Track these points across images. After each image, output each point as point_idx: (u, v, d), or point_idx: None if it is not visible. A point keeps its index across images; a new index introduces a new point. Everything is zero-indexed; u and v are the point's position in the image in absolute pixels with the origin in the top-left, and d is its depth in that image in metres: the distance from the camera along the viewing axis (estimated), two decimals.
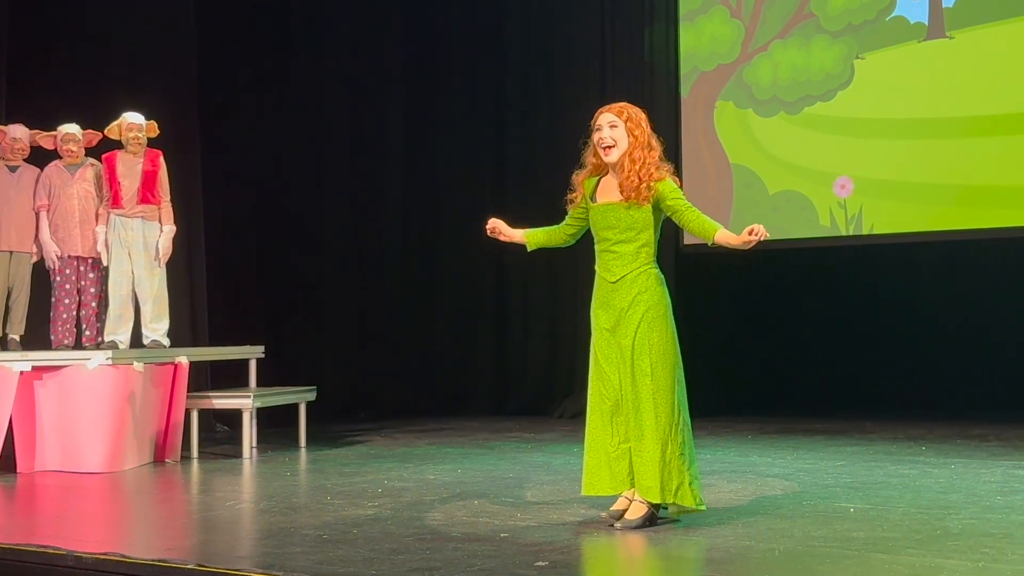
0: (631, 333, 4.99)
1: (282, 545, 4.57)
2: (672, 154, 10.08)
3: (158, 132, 8.01)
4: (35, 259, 7.98)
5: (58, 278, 7.89)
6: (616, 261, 5.01)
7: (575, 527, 4.76)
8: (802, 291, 10.89)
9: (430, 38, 11.50)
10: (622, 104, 5.07)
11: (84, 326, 7.92)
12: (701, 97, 10.12)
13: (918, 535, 4.48)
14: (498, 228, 5.37)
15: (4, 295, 7.92)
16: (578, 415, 10.12)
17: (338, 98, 11.17)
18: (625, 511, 4.80)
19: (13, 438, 7.05)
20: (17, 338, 7.88)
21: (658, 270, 4.99)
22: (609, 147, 4.97)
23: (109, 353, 7.12)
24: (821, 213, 9.51)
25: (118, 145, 7.94)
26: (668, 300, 4.98)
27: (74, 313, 7.91)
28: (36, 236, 7.92)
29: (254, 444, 7.93)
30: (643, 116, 5.02)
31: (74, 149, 7.90)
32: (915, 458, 6.94)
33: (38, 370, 7.12)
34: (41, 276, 8.00)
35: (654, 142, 4.95)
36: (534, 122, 10.99)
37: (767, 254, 10.03)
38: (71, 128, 7.92)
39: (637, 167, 4.87)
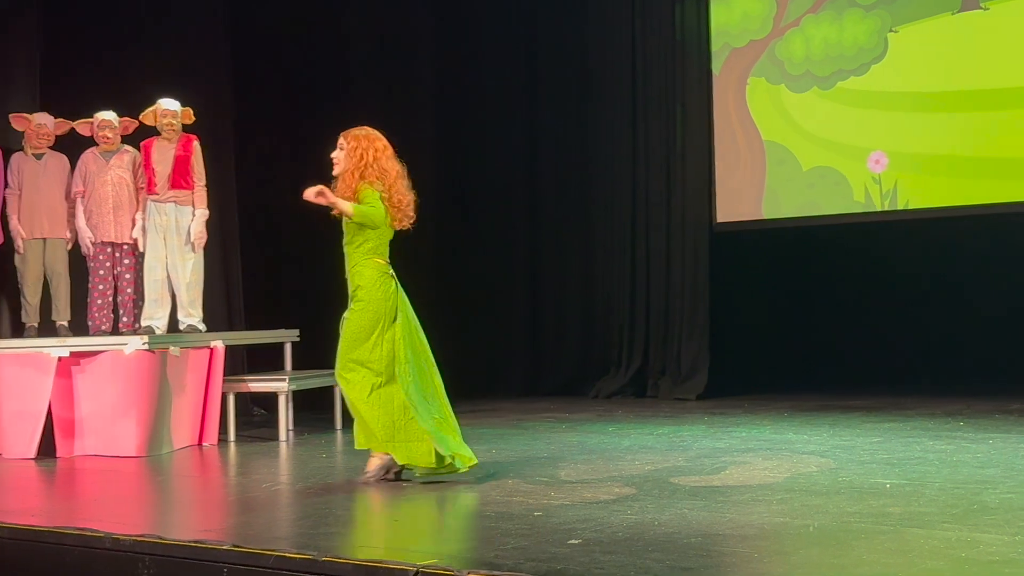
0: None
1: (318, 526, 4.60)
2: (704, 132, 10.11)
3: (193, 119, 8.04)
4: (70, 245, 8.06)
5: (93, 264, 7.96)
6: (345, 261, 5.76)
7: (609, 505, 4.76)
8: (837, 267, 10.82)
9: (458, 14, 11.47)
10: (354, 132, 5.90)
11: (121, 312, 7.99)
12: (733, 74, 10.05)
13: (954, 510, 4.45)
14: (325, 193, 5.81)
15: (40, 282, 8.01)
16: (613, 395, 10.15)
17: (369, 78, 11.18)
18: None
19: (52, 423, 7.13)
20: (65, 324, 7.97)
21: (374, 268, 5.69)
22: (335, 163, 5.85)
23: (146, 338, 7.17)
24: (855, 188, 9.43)
25: (156, 132, 7.98)
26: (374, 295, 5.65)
27: (110, 299, 7.98)
28: (71, 222, 7.99)
29: (290, 427, 7.98)
30: (372, 144, 5.84)
31: (110, 136, 7.96)
32: (952, 433, 6.88)
33: (76, 356, 7.19)
34: (80, 263, 8.08)
35: (368, 169, 5.74)
36: (565, 100, 10.94)
37: (802, 231, 10.00)
38: (108, 115, 7.98)
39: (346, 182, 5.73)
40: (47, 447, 7.12)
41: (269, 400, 8.19)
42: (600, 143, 10.72)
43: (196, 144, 8.02)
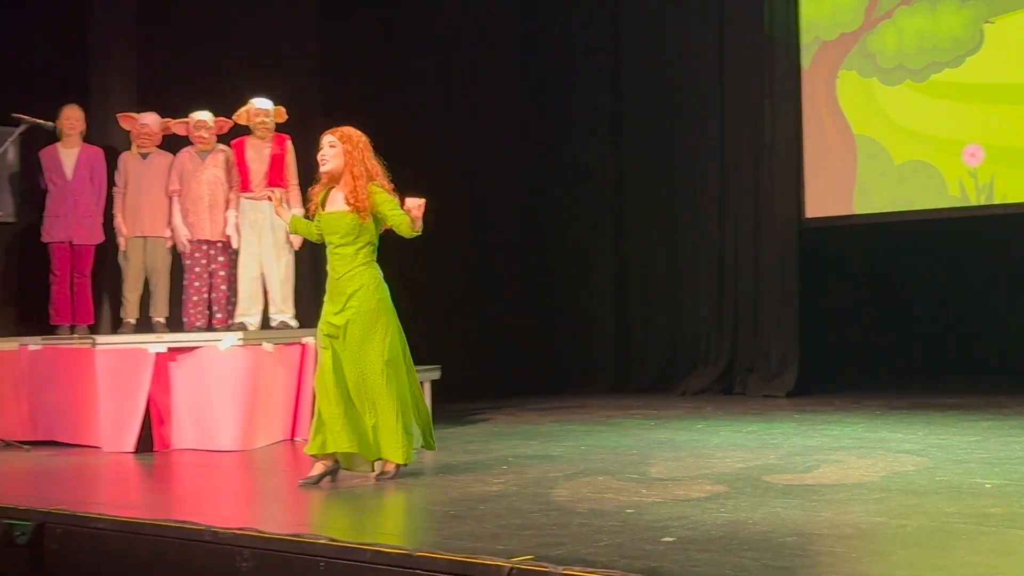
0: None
1: (410, 521, 4.65)
2: (793, 126, 9.99)
3: (286, 117, 8.16)
4: (168, 244, 8.23)
5: (188, 262, 8.12)
6: (339, 261, 5.64)
7: (701, 503, 4.73)
8: (929, 263, 10.62)
9: (546, 17, 11.49)
10: (347, 132, 5.80)
11: (215, 308, 8.13)
12: (823, 67, 9.92)
13: None
14: (274, 199, 6.12)
15: (142, 279, 8.20)
16: (701, 392, 10.09)
17: (456, 77, 11.24)
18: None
19: (150, 418, 7.29)
20: (163, 320, 8.15)
21: (375, 269, 5.69)
22: (323, 160, 5.73)
23: (240, 334, 7.30)
24: (950, 183, 9.26)
25: (248, 131, 8.11)
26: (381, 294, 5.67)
27: (205, 296, 8.13)
28: (169, 221, 8.16)
29: None
30: (366, 143, 5.77)
31: (205, 135, 8.11)
32: None
33: (173, 351, 7.34)
34: (176, 260, 8.25)
35: (372, 169, 5.69)
36: (651, 95, 10.90)
37: (894, 226, 9.83)
38: (203, 115, 8.13)
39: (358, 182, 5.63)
40: (145, 441, 7.27)
41: None
42: (687, 138, 10.66)
43: (290, 143, 8.14)
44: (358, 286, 5.58)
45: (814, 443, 6.62)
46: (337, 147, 5.70)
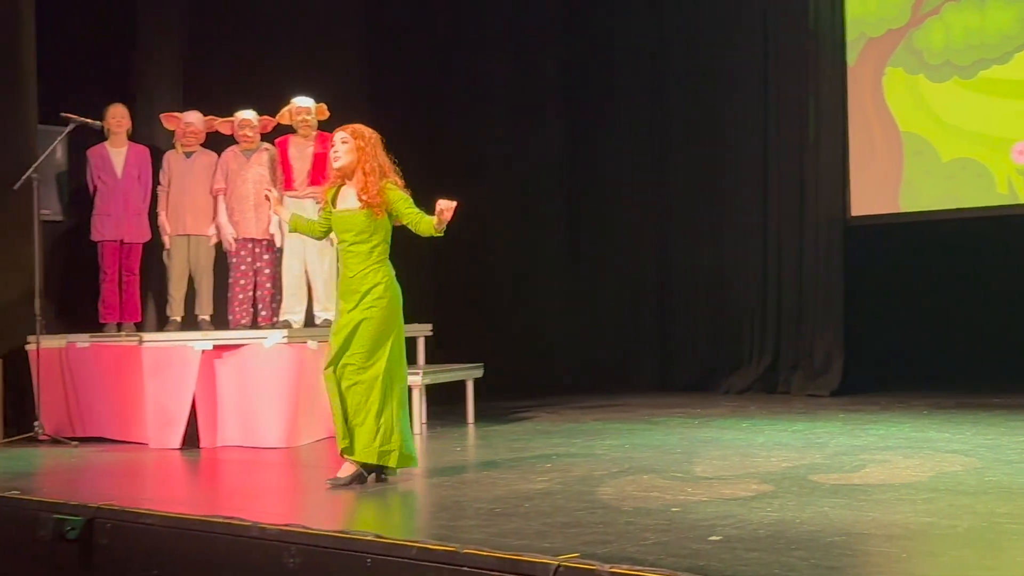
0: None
1: (455, 518, 4.65)
2: (838, 123, 9.91)
3: (328, 115, 8.20)
4: (213, 242, 8.29)
5: (234, 260, 8.18)
6: (353, 259, 5.58)
7: (747, 502, 4.71)
8: (977, 261, 10.48)
9: (588, 10, 11.47)
10: (359, 129, 5.70)
11: (259, 306, 8.18)
12: (869, 64, 9.83)
13: None
14: (272, 198, 6.12)
15: (186, 278, 8.27)
16: (744, 391, 10.03)
17: (498, 74, 11.25)
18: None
19: (196, 415, 7.34)
20: (208, 318, 8.22)
21: (389, 267, 5.66)
22: (335, 157, 5.65)
23: (284, 332, 7.34)
24: (998, 180, 9.15)
25: (292, 130, 8.15)
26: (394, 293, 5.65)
27: (250, 293, 8.18)
28: (214, 219, 8.22)
29: (423, 420, 8.07)
30: (378, 140, 5.69)
31: (250, 134, 8.17)
32: None
33: (218, 349, 7.39)
34: (220, 258, 8.31)
35: (382, 160, 5.63)
36: (695, 91, 10.85)
37: (940, 223, 9.73)
38: (248, 114, 8.19)
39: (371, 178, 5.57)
40: (191, 438, 7.33)
41: None
42: (730, 135, 10.60)
43: None
44: (372, 284, 5.54)
45: (860, 443, 6.56)
46: (349, 143, 5.62)
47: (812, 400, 9.33)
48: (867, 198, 9.81)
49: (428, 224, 5.57)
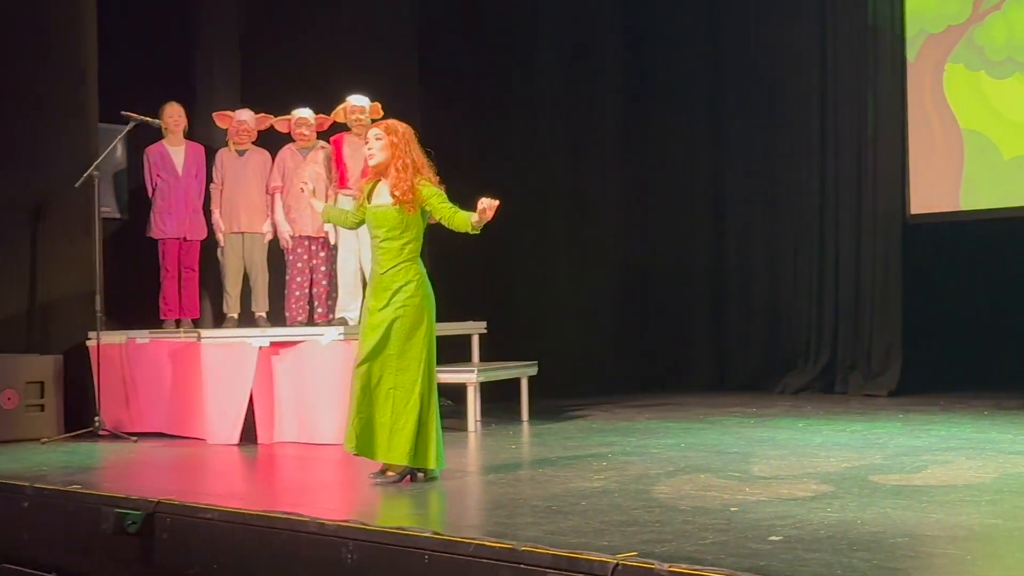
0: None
1: (512, 516, 4.65)
2: (897, 121, 9.80)
3: (382, 113, 8.22)
4: (267, 239, 8.35)
5: (290, 257, 8.24)
6: (384, 255, 5.57)
7: (807, 502, 4.66)
8: None
9: (645, 7, 11.42)
10: (392, 124, 5.70)
11: (316, 303, 8.23)
12: (929, 61, 9.70)
13: None
14: (306, 190, 6.33)
15: (241, 275, 8.34)
16: (800, 391, 9.94)
17: (555, 74, 11.24)
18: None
19: (253, 411, 7.40)
20: (264, 315, 8.29)
21: (420, 265, 5.62)
22: (370, 154, 5.68)
23: (341, 329, 7.37)
24: None
25: (347, 128, 8.19)
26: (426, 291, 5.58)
27: (307, 291, 8.23)
28: (270, 217, 8.28)
29: (478, 417, 8.07)
30: (412, 136, 5.67)
31: (306, 133, 8.22)
32: None
33: (275, 345, 7.45)
34: (275, 255, 8.36)
35: (415, 155, 5.59)
36: (751, 88, 10.77)
37: (1002, 222, 9.58)
38: (304, 112, 8.24)
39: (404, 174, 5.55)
40: (248, 433, 7.38)
41: (457, 391, 8.30)
42: (787, 132, 10.52)
43: None
44: (404, 281, 5.51)
45: (921, 443, 6.48)
46: (383, 139, 5.60)
47: (869, 400, 9.23)
48: (927, 196, 9.69)
49: (463, 220, 5.52)
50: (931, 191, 9.66)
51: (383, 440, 5.51)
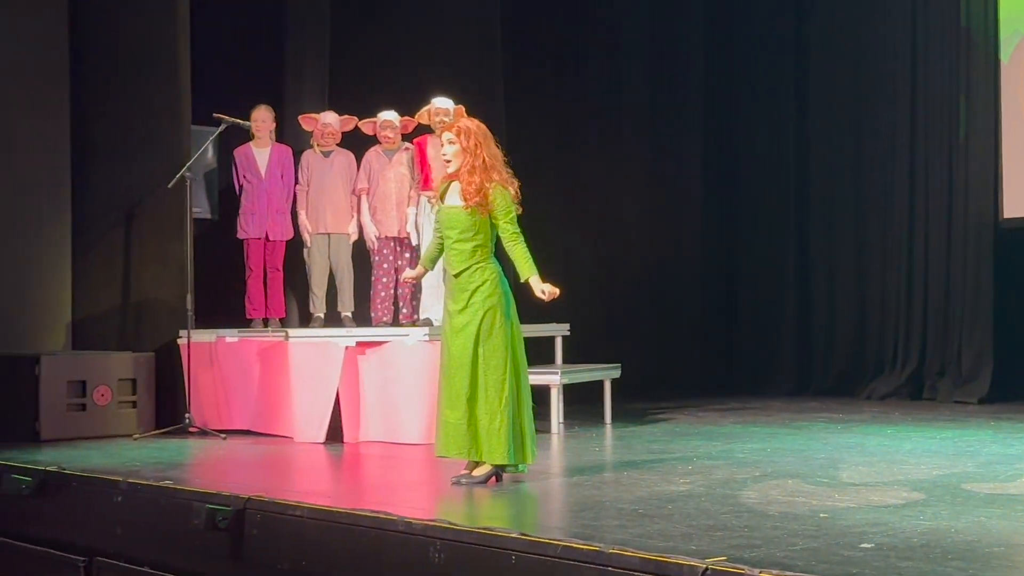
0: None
1: (598, 518, 4.64)
2: (990, 123, 9.61)
3: (465, 116, 8.25)
4: (352, 239, 8.44)
5: (376, 258, 8.31)
6: (457, 257, 5.56)
7: (898, 510, 4.60)
8: None
9: (730, 7, 11.35)
10: (465, 125, 5.65)
11: (401, 304, 8.29)
12: (1023, 62, 9.50)
13: None
14: (408, 280, 6.54)
15: (326, 275, 8.43)
16: (887, 396, 9.79)
17: (638, 74, 11.22)
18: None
19: (339, 410, 7.47)
20: (350, 315, 8.38)
21: (495, 264, 5.60)
22: (447, 161, 5.66)
23: (426, 330, 7.42)
24: None
25: (431, 130, 8.24)
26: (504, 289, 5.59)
27: (392, 291, 8.30)
28: (356, 218, 8.37)
29: (561, 420, 8.07)
30: (485, 134, 5.63)
31: (391, 135, 8.28)
32: None
33: (361, 345, 7.52)
34: (361, 256, 8.44)
35: (489, 155, 5.56)
36: (838, 89, 10.65)
37: None
38: (389, 115, 8.31)
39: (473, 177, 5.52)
40: (334, 432, 7.46)
41: (540, 393, 8.30)
42: (877, 134, 10.38)
43: None
44: (480, 282, 5.52)
45: (1014, 451, 6.36)
46: (456, 144, 5.60)
47: (959, 407, 9.06)
48: (1020, 200, 9.48)
49: (521, 255, 5.60)
50: None
51: (478, 442, 5.52)
